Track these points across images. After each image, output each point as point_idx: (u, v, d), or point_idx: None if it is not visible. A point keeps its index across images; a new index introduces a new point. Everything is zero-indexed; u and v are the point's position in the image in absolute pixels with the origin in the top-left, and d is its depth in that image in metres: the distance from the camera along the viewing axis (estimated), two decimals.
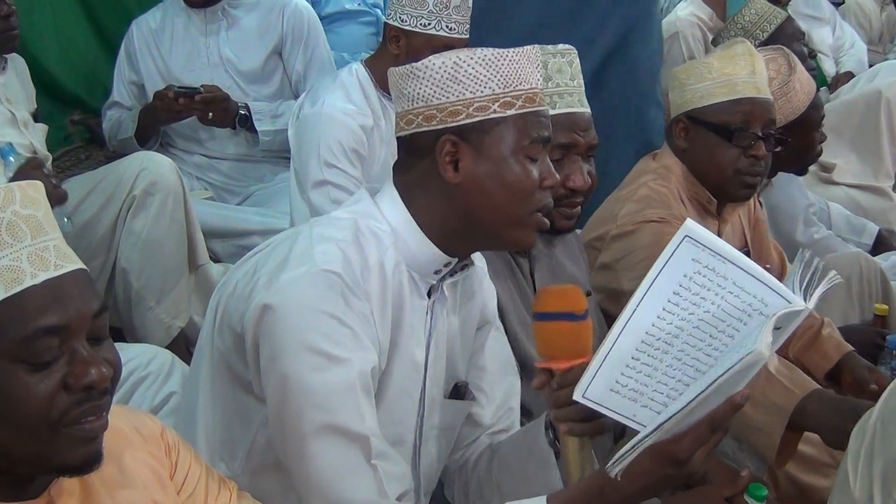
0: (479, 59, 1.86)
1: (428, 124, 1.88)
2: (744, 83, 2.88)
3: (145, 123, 4.17)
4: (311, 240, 1.88)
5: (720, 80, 2.88)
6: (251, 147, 4.23)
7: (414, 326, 1.96)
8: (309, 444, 1.81)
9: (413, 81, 1.89)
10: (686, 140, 2.94)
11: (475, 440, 2.17)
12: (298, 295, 1.81)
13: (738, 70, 2.88)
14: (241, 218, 3.95)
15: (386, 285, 1.90)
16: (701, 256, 1.62)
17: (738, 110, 2.86)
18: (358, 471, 1.83)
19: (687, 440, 1.67)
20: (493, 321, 2.19)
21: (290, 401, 1.81)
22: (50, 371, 1.37)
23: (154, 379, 2.83)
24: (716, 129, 2.88)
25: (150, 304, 3.31)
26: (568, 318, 1.85)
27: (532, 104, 1.90)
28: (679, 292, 1.63)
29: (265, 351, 1.83)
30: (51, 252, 1.39)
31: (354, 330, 1.82)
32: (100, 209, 3.29)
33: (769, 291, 1.63)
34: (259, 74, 4.28)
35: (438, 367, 2.04)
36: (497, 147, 1.88)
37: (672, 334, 1.65)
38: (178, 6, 4.25)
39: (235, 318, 1.89)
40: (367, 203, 1.96)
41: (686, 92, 2.93)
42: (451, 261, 1.96)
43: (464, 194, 1.89)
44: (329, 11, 5.24)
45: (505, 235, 1.93)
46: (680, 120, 2.95)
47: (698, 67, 2.92)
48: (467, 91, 1.86)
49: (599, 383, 1.70)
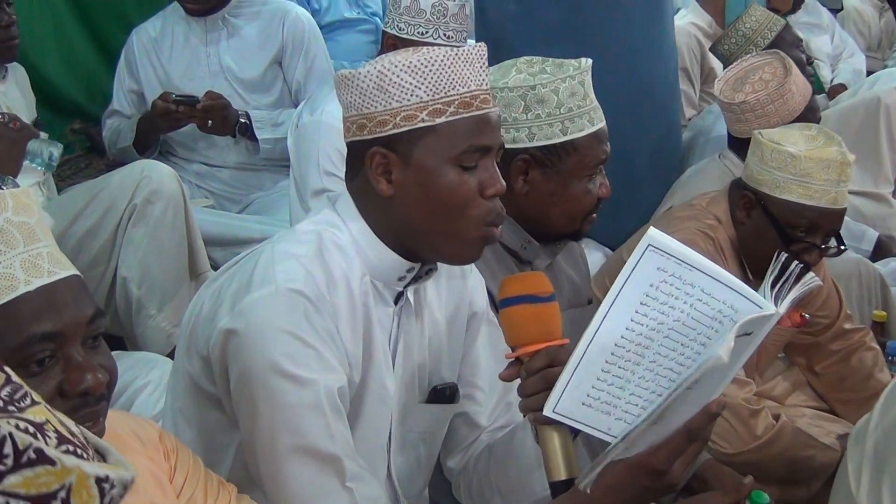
0: (405, 67, 1.79)
1: (360, 134, 1.84)
2: (822, 192, 2.75)
3: (144, 131, 4.17)
4: (273, 258, 1.85)
5: (801, 179, 2.76)
6: (251, 155, 4.23)
7: (383, 335, 1.94)
8: (282, 468, 1.80)
9: (345, 89, 1.84)
10: (746, 215, 2.88)
11: (475, 440, 2.16)
12: (261, 318, 1.78)
13: (823, 176, 2.74)
14: (241, 226, 3.95)
15: (353, 297, 1.87)
16: (666, 265, 1.59)
17: (805, 217, 2.77)
18: (333, 493, 1.82)
19: (664, 451, 1.66)
20: (483, 314, 2.15)
21: (261, 424, 1.80)
22: (45, 377, 1.37)
23: (154, 387, 2.83)
24: (777, 226, 2.80)
25: (150, 313, 3.31)
26: (529, 301, 1.81)
27: (468, 109, 1.81)
28: (646, 302, 1.60)
29: (233, 375, 1.81)
30: (44, 258, 1.39)
31: (318, 350, 1.79)
32: (100, 218, 3.29)
33: (738, 297, 1.60)
34: (259, 83, 4.28)
35: (409, 373, 2.01)
36: (427, 158, 1.81)
37: (642, 345, 1.62)
38: (179, 15, 4.25)
39: (202, 342, 1.87)
40: (329, 213, 1.93)
41: (764, 170, 2.82)
42: (414, 266, 1.92)
43: (399, 207, 1.85)
44: (329, 20, 5.25)
45: (443, 248, 1.87)
46: (747, 194, 2.87)
47: (784, 155, 2.78)
48: (393, 100, 1.80)
49: (570, 397, 1.66)
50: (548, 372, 1.76)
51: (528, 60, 2.39)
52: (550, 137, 2.31)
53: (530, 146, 2.30)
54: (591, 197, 2.36)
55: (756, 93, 3.43)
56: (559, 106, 2.30)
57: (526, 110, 2.30)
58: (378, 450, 1.98)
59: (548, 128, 2.31)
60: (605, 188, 2.38)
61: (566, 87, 2.30)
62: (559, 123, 2.30)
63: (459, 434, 2.16)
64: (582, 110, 2.32)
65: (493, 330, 2.16)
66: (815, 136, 2.84)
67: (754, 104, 3.42)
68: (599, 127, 2.35)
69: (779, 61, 3.37)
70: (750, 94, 3.45)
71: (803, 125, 2.97)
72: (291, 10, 4.35)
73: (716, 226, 2.90)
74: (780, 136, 2.85)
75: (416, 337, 2.01)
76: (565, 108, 2.30)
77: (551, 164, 2.32)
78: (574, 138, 2.31)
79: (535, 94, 2.30)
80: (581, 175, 2.33)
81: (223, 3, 4.23)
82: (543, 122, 2.30)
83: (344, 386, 1.84)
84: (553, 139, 2.31)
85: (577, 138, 2.32)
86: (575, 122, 2.31)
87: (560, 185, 2.33)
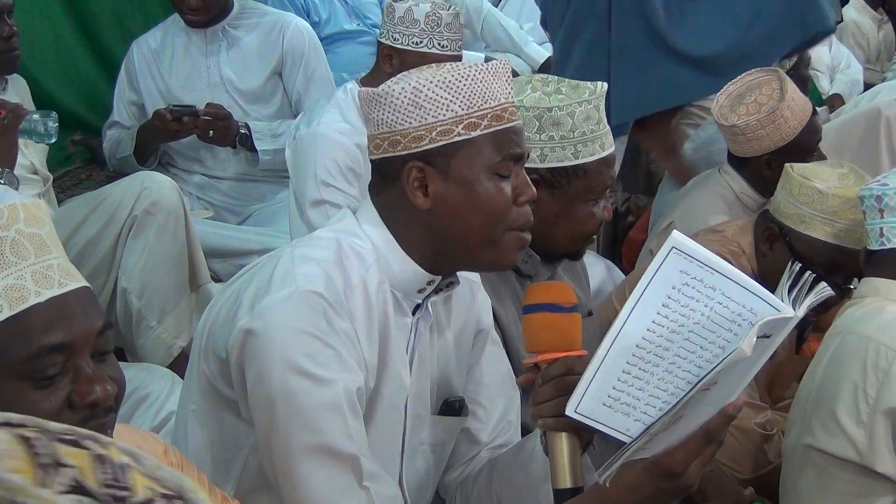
0: (439, 82, 1.83)
1: (393, 150, 1.86)
2: (848, 232, 2.74)
3: (144, 141, 4.18)
4: (293, 261, 1.87)
5: (827, 217, 2.76)
6: (251, 166, 4.23)
7: (399, 345, 1.95)
8: (299, 467, 1.80)
9: (376, 107, 1.86)
10: (769, 248, 2.89)
11: (475, 456, 2.16)
12: (281, 318, 1.80)
13: (850, 215, 2.72)
14: (241, 238, 3.95)
15: (370, 304, 1.88)
16: (689, 268, 1.61)
17: (827, 255, 2.76)
18: (350, 493, 1.82)
19: (681, 453, 1.67)
20: (489, 332, 2.17)
21: (278, 424, 1.80)
22: (55, 389, 1.37)
23: (155, 399, 2.83)
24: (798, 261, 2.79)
25: (151, 324, 3.30)
26: (551, 310, 1.84)
27: (500, 122, 1.86)
28: (668, 304, 1.63)
29: (251, 375, 1.82)
30: (55, 270, 1.39)
31: (338, 350, 1.81)
32: (101, 229, 3.28)
33: (758, 300, 1.62)
34: (259, 94, 4.29)
35: (422, 384, 2.02)
36: (465, 169, 1.84)
37: (662, 346, 1.64)
38: (179, 26, 4.26)
39: (220, 344, 1.88)
40: (350, 221, 1.95)
41: (791, 203, 2.82)
42: (435, 279, 1.94)
43: (436, 218, 1.87)
44: (329, 32, 5.25)
45: (482, 256, 1.90)
46: (771, 227, 2.88)
47: (811, 190, 2.77)
48: (429, 116, 1.83)
49: (591, 398, 1.68)
50: (563, 380, 1.79)
51: (543, 79, 2.40)
52: (561, 160, 2.31)
53: (540, 167, 2.30)
54: (595, 220, 2.37)
55: (749, 116, 3.41)
56: (573, 129, 2.30)
57: (540, 131, 2.30)
58: (390, 458, 1.98)
59: (560, 150, 2.31)
60: (608, 211, 2.39)
61: (582, 111, 2.30)
62: (572, 147, 2.30)
63: (460, 449, 2.16)
64: (595, 135, 2.32)
65: (496, 349, 2.18)
66: (846, 175, 2.83)
67: (745, 128, 3.40)
68: (609, 152, 2.36)
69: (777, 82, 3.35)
70: (743, 116, 3.42)
71: (836, 162, 2.97)
72: (291, 22, 4.36)
73: (739, 254, 2.91)
74: (811, 171, 2.85)
75: (430, 349, 2.02)
76: (579, 132, 2.30)
77: (559, 186, 2.32)
78: (584, 162, 2.32)
79: (550, 115, 2.30)
80: (587, 198, 2.34)
81: (223, 14, 4.24)
82: (556, 145, 2.30)
83: (362, 387, 1.85)
84: (564, 162, 2.31)
85: (587, 163, 2.32)
86: (587, 146, 2.31)
87: (566, 206, 2.34)
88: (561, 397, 1.75)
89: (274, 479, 1.85)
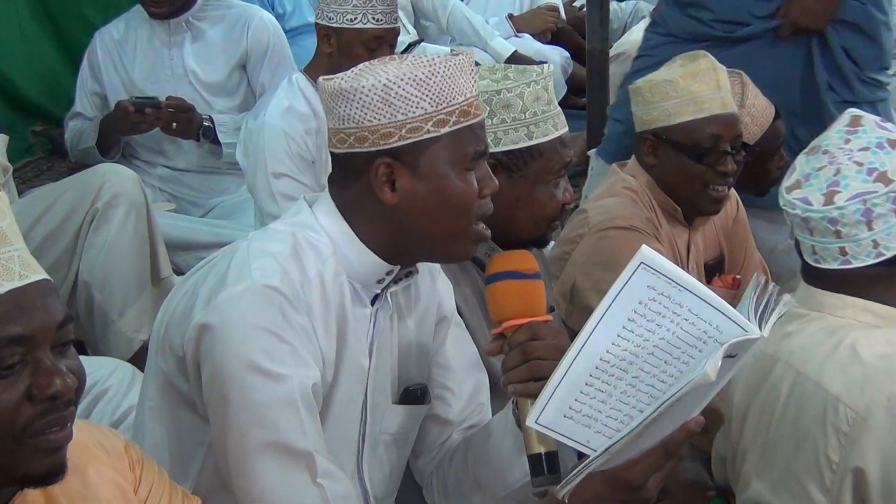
0: (409, 80, 1.83)
1: (360, 146, 1.86)
2: (710, 100, 2.92)
3: (106, 133, 4.16)
4: (249, 255, 1.86)
5: (686, 99, 2.91)
6: (215, 159, 4.23)
7: (358, 336, 1.95)
8: (252, 463, 1.80)
9: (342, 102, 1.85)
10: (654, 157, 2.99)
11: (447, 439, 2.16)
12: (236, 313, 1.79)
13: (703, 87, 2.91)
14: (204, 230, 3.94)
15: (327, 297, 1.88)
16: (656, 283, 1.61)
17: (705, 129, 2.91)
18: (304, 490, 1.82)
19: (640, 466, 1.68)
20: (452, 317, 2.17)
21: (232, 420, 1.80)
22: (14, 381, 1.36)
23: (115, 392, 2.80)
24: (684, 149, 2.92)
25: (112, 317, 3.29)
26: (514, 276, 1.88)
27: (467, 118, 1.87)
28: (634, 318, 1.62)
29: (206, 370, 1.81)
30: (15, 262, 1.38)
31: (294, 346, 1.80)
32: (62, 221, 3.27)
33: (725, 319, 1.62)
34: (223, 87, 4.28)
35: (382, 374, 2.02)
36: (434, 165, 1.86)
37: (626, 360, 1.64)
38: (142, 17, 4.23)
39: (176, 339, 1.87)
40: (306, 214, 1.94)
41: (651, 109, 2.96)
42: (394, 269, 1.95)
43: (402, 213, 1.88)
44: (293, 25, 5.24)
45: (444, 248, 1.93)
46: (647, 137, 2.99)
47: (662, 85, 2.94)
48: (398, 113, 1.83)
49: (553, 409, 1.67)
50: (529, 345, 1.83)
51: (490, 67, 2.43)
52: (516, 142, 2.33)
53: (496, 151, 2.31)
54: (556, 202, 2.38)
55: None
56: (524, 111, 2.32)
57: (491, 115, 2.31)
58: (347, 450, 1.98)
59: (513, 132, 2.33)
60: (569, 193, 2.40)
61: (531, 91, 2.32)
62: (524, 128, 2.32)
63: (431, 435, 2.16)
64: (546, 115, 2.34)
65: (461, 332, 2.18)
66: (680, 63, 3.02)
67: None
68: (563, 132, 2.38)
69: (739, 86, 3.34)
70: None
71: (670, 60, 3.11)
72: (256, 15, 4.34)
73: (631, 185, 3.00)
74: (652, 75, 3.03)
75: (390, 339, 2.03)
76: (530, 113, 2.32)
77: (517, 169, 2.33)
78: (539, 143, 2.34)
79: (500, 98, 2.32)
80: (546, 179, 2.35)
81: (186, 6, 4.21)
82: (509, 127, 2.32)
83: (318, 382, 1.85)
84: (518, 144, 2.33)
85: (541, 143, 2.34)
86: (540, 126, 2.33)
87: (525, 189, 2.35)
88: (530, 361, 1.80)
89: (228, 476, 1.84)
